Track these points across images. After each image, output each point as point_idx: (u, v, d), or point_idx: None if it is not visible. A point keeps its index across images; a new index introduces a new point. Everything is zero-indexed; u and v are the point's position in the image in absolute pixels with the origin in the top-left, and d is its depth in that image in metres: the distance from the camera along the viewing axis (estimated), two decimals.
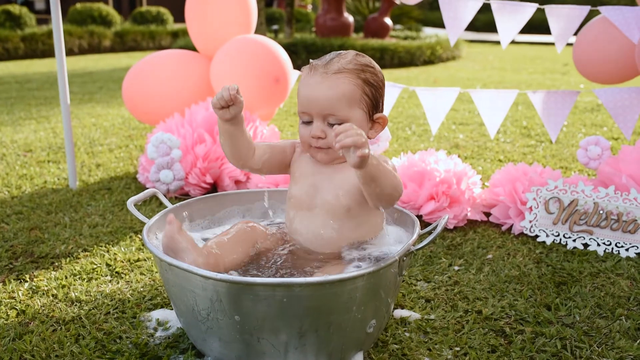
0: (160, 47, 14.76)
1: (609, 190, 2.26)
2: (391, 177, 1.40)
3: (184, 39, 12.25)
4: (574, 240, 2.26)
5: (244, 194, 1.92)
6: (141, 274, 1.98)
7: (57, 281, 1.91)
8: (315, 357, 1.37)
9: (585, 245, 2.25)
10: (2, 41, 11.51)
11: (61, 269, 2.01)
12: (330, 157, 1.55)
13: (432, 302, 1.80)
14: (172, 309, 1.70)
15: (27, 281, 1.91)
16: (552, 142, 2.73)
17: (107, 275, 1.96)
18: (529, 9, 2.56)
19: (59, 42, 2.74)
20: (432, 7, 20.25)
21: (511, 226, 2.44)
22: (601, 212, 2.25)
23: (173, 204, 1.88)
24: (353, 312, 1.34)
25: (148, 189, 2.38)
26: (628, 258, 2.15)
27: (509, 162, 3.45)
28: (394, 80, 8.14)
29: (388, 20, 12.37)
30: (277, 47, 3.09)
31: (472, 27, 20.64)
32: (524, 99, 6.06)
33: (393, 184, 1.40)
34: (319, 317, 1.31)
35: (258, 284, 1.25)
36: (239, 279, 1.26)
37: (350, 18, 11.80)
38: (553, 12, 2.56)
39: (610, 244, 2.21)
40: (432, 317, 1.70)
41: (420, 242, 1.49)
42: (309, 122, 1.53)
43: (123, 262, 2.07)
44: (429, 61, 11.05)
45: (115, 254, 2.13)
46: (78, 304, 1.76)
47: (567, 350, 1.54)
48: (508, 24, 2.57)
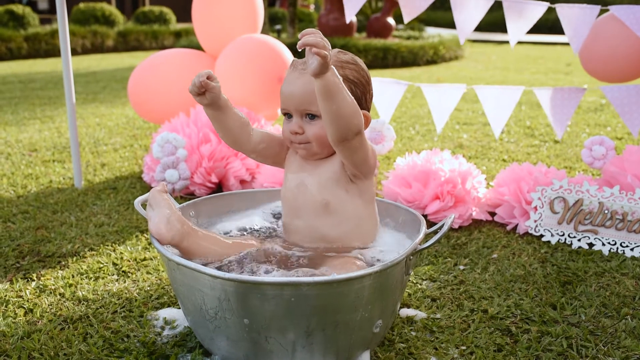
0: (163, 47, 14.78)
1: (613, 190, 2.26)
2: (350, 101, 1.38)
3: (186, 38, 12.26)
4: (579, 240, 2.26)
5: (250, 194, 1.92)
6: (148, 273, 1.98)
7: (64, 280, 1.91)
8: (323, 356, 1.37)
9: (590, 244, 2.25)
10: (5, 41, 11.53)
11: (68, 268, 2.02)
12: (309, 153, 1.56)
13: (438, 301, 1.80)
14: (179, 308, 1.71)
15: (34, 280, 1.92)
16: (558, 137, 2.73)
17: (113, 274, 1.97)
18: (540, 8, 2.56)
19: (65, 42, 2.74)
20: (434, 7, 20.19)
21: (516, 226, 2.45)
22: (606, 211, 2.25)
23: (179, 203, 1.89)
24: (360, 311, 1.35)
25: (153, 188, 2.38)
26: (633, 258, 2.16)
27: (513, 162, 3.46)
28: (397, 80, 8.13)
29: (391, 20, 12.37)
30: (281, 46, 3.09)
31: (474, 27, 20.61)
32: (528, 98, 6.06)
33: (352, 107, 1.38)
34: (327, 316, 1.32)
35: (266, 283, 1.26)
36: (247, 278, 1.27)
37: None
38: (564, 12, 2.55)
39: (615, 244, 2.22)
40: (438, 316, 1.71)
41: (426, 242, 1.49)
42: (289, 119, 1.56)
43: (130, 261, 2.07)
44: (431, 61, 11.05)
45: (121, 253, 2.14)
46: (85, 303, 1.77)
47: (573, 349, 1.55)
48: (518, 22, 2.57)
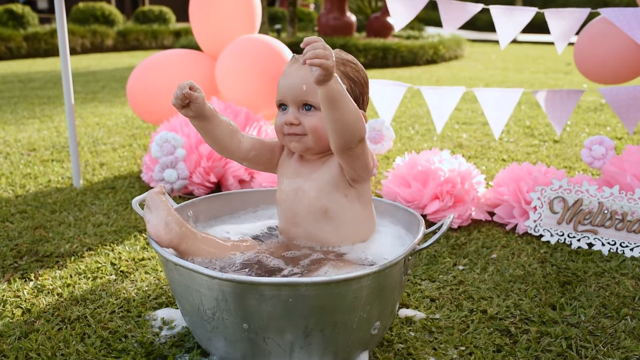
0: (162, 47, 14.78)
1: (613, 189, 2.26)
2: (353, 107, 1.37)
3: (186, 38, 12.25)
4: (579, 240, 2.26)
5: (248, 194, 1.92)
6: (146, 273, 1.98)
7: (62, 280, 1.91)
8: (321, 356, 1.37)
9: (590, 245, 2.25)
10: (5, 40, 11.53)
11: (66, 267, 2.01)
12: (303, 147, 1.52)
13: (437, 301, 1.80)
14: (177, 308, 1.71)
15: (32, 280, 1.91)
16: (558, 135, 2.73)
17: (111, 274, 1.96)
18: (529, 13, 2.57)
19: (63, 42, 2.74)
20: (434, 7, 20.22)
21: (515, 226, 2.44)
22: (606, 211, 2.25)
23: (177, 203, 1.88)
24: (359, 311, 1.34)
25: (152, 188, 2.37)
26: (633, 258, 2.15)
27: (512, 161, 3.45)
28: (397, 79, 8.13)
29: (390, 20, 12.37)
30: (281, 46, 3.09)
31: (474, 27, 20.61)
32: (527, 98, 6.06)
33: (355, 114, 1.37)
34: (325, 316, 1.31)
35: (264, 283, 1.25)
36: (245, 278, 1.26)
37: (352, 17, 11.80)
38: (553, 16, 2.57)
39: (614, 244, 2.21)
40: (437, 316, 1.70)
41: (425, 242, 1.49)
42: (284, 111, 1.53)
43: (128, 261, 2.07)
44: (431, 60, 11.05)
45: (119, 253, 2.13)
46: (83, 303, 1.76)
47: (572, 349, 1.54)
48: (507, 26, 2.58)
